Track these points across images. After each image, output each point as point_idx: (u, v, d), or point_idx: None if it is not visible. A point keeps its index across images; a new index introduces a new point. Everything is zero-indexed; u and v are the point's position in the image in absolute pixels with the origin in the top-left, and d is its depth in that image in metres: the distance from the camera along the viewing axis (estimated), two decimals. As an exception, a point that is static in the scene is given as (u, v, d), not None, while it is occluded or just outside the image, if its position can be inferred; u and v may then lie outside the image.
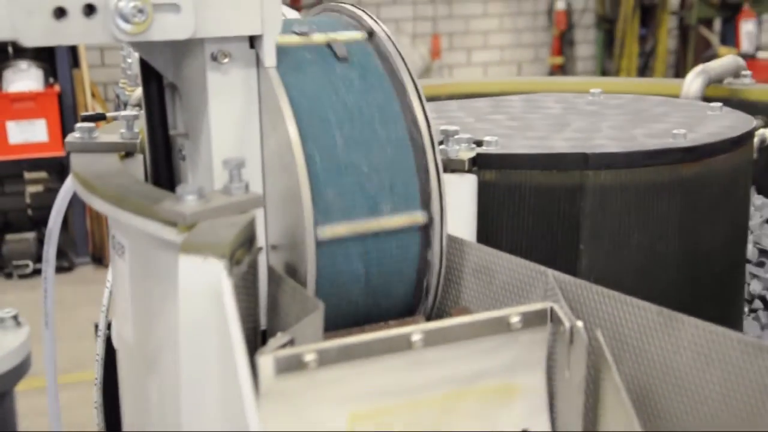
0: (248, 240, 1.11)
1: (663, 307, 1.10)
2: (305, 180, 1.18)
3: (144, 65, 1.32)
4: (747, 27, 8.42)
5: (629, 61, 8.41)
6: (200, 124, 1.25)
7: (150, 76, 1.32)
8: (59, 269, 6.04)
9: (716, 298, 1.65)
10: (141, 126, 1.45)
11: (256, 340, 1.17)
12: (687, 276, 1.56)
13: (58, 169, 6.31)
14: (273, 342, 1.05)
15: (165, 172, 1.36)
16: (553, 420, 1.16)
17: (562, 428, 1.14)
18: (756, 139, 1.92)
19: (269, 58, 1.21)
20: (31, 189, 6.90)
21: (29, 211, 6.78)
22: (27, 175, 6.77)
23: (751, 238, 2.20)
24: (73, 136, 1.47)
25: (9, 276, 6.11)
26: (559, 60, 8.61)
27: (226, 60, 1.21)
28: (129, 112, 1.54)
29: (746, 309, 2.20)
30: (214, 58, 1.20)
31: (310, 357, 1.01)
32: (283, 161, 1.21)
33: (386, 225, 1.23)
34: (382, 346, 1.05)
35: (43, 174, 6.76)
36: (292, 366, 1.01)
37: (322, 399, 1.04)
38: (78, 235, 6.32)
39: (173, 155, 1.37)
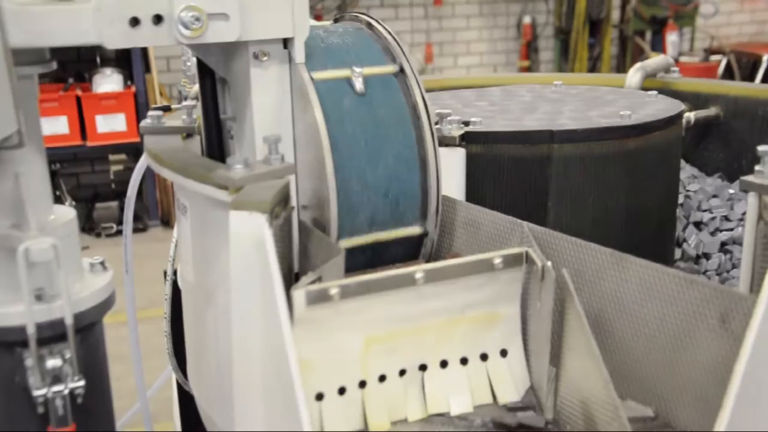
0: (284, 199, 1.09)
1: (614, 250, 1.08)
2: (329, 155, 1.16)
3: (200, 64, 1.29)
4: (671, 38, 8.44)
5: (581, 64, 8.37)
6: (245, 109, 1.22)
7: (205, 73, 1.30)
8: (135, 230, 6.02)
9: (654, 245, 1.63)
10: (198, 113, 1.42)
11: (290, 279, 1.16)
12: (632, 227, 1.54)
13: (134, 152, 6.31)
14: (304, 279, 1.03)
15: (217, 148, 1.34)
16: (526, 342, 1.14)
17: (533, 348, 1.12)
18: (684, 121, 1.88)
19: (299, 55, 1.19)
20: (114, 168, 6.91)
21: (113, 185, 6.80)
22: (111, 157, 6.79)
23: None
24: (145, 122, 1.45)
25: (98, 235, 6.11)
26: (526, 63, 8.55)
27: (265, 58, 1.18)
28: (189, 102, 1.52)
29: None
30: (256, 57, 1.18)
31: (334, 291, 0.99)
32: (311, 139, 1.19)
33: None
34: (391, 282, 1.03)
35: (123, 156, 6.75)
36: (319, 298, 0.99)
37: (343, 325, 1.02)
38: (150, 203, 6.31)
39: (223, 135, 1.35)
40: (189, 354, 1.41)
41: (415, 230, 1.25)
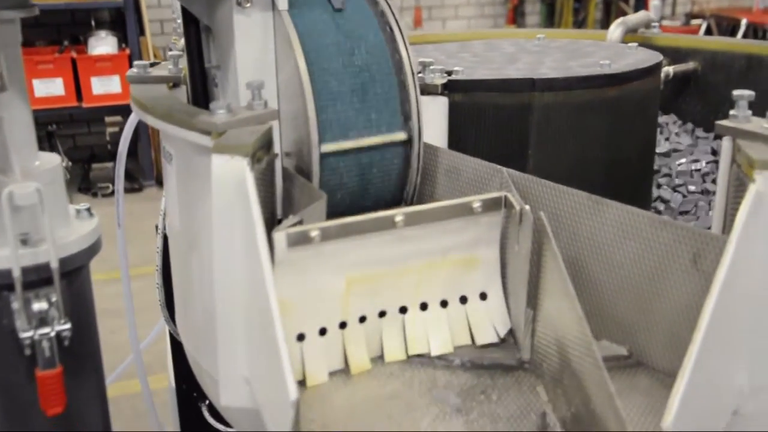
0: (267, 144, 1.07)
1: (591, 194, 1.06)
2: (312, 105, 1.14)
3: (185, 13, 1.26)
4: (654, 2, 8.37)
5: (566, 28, 8.31)
6: (228, 57, 1.19)
7: (189, 22, 1.27)
8: (131, 190, 5.99)
9: (631, 193, 1.61)
10: (184, 63, 1.39)
11: (273, 224, 1.14)
12: (610, 176, 1.52)
13: (130, 113, 6.22)
14: (286, 222, 1.01)
15: (202, 96, 1.31)
16: (504, 285, 1.13)
17: (512, 290, 1.11)
18: (663, 74, 1.85)
19: (282, 2, 1.15)
20: (110, 129, 6.83)
21: (108, 146, 6.73)
22: (107, 119, 6.71)
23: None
24: (132, 71, 1.42)
25: (95, 195, 6.06)
26: (512, 28, 8.47)
27: (248, 4, 1.15)
28: (175, 52, 1.48)
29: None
30: (239, 3, 1.14)
31: (315, 233, 0.97)
32: (294, 87, 1.16)
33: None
34: (372, 224, 1.01)
35: (118, 118, 6.68)
36: (300, 240, 0.97)
37: (324, 267, 1.00)
38: (145, 164, 6.25)
39: (208, 84, 1.32)
40: (176, 300, 1.39)
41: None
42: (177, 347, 2.13)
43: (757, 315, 0.91)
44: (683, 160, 1.96)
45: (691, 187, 1.90)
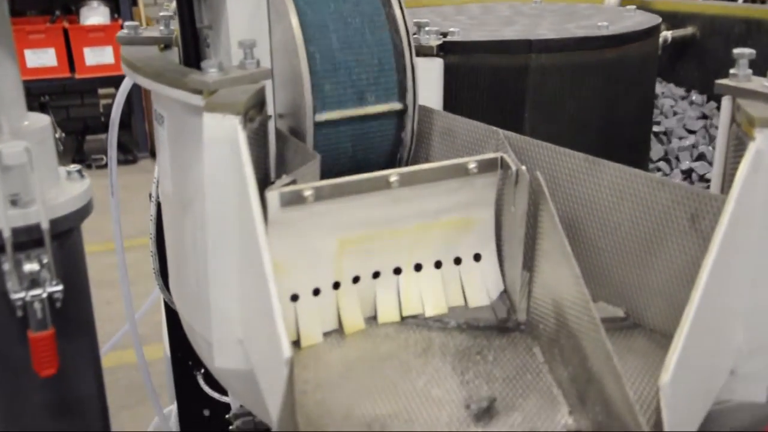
0: (259, 103, 1.04)
1: (588, 155, 1.05)
2: (305, 65, 1.12)
3: (176, -29, 1.23)
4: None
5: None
6: (220, 15, 1.16)
7: (180, -19, 1.23)
8: (125, 162, 5.96)
9: (628, 156, 1.60)
10: (175, 25, 1.36)
11: (266, 186, 1.12)
12: (607, 139, 1.51)
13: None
14: (278, 182, 0.99)
15: (194, 58, 1.28)
16: (500, 247, 1.12)
17: (507, 251, 1.10)
18: (660, 39, 1.83)
19: (274, -41, 1.12)
20: (103, 101, 6.78)
21: (102, 118, 6.67)
22: (100, 91, 6.65)
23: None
24: (122, 32, 1.39)
25: (89, 167, 6.02)
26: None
27: (239, -38, 1.12)
28: (166, 12, 1.45)
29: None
30: (230, -40, 1.11)
31: (308, 192, 0.96)
32: (288, 47, 1.14)
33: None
34: (366, 185, 0.99)
35: (112, 89, 6.62)
36: (293, 200, 0.95)
37: (318, 227, 0.99)
38: (140, 136, 6.21)
39: (200, 45, 1.29)
40: (170, 265, 1.38)
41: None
42: (172, 316, 2.12)
43: (755, 275, 0.91)
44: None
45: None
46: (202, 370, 2.17)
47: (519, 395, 0.94)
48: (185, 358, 2.17)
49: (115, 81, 6.12)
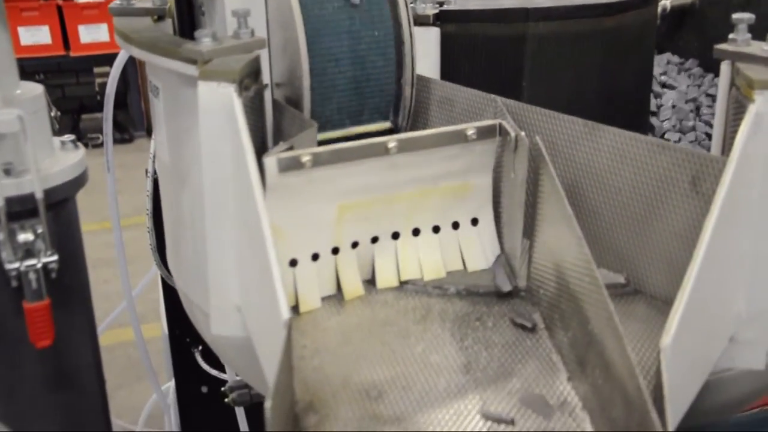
0: (254, 72, 1.03)
1: (587, 120, 1.04)
2: (302, 32, 1.11)
3: (169, -59, 1.21)
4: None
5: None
6: (214, -17, 1.15)
7: (175, -51, 1.22)
8: (121, 141, 5.95)
9: (628, 126, 1.59)
10: (169, -5, 1.35)
11: (263, 153, 1.11)
12: (606, 107, 1.50)
13: (119, 63, 6.15)
14: (276, 148, 0.99)
15: (189, 28, 1.27)
16: (500, 214, 1.11)
17: (506, 218, 1.09)
18: (660, 9, 1.82)
19: (268, -77, 1.10)
20: (99, 80, 6.73)
21: (98, 97, 6.62)
22: (95, 69, 6.60)
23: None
24: (115, 3, 1.37)
25: (85, 146, 5.96)
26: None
27: (233, -73, 1.10)
28: (159, -17, 1.43)
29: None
30: (224, -74, 1.10)
31: (306, 158, 0.95)
32: (283, 16, 1.13)
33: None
34: (364, 151, 0.99)
35: (107, 68, 6.57)
36: (292, 165, 0.95)
37: (316, 193, 0.98)
38: (136, 115, 6.19)
39: (195, 15, 1.27)
40: (167, 237, 1.37)
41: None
42: (169, 293, 2.12)
43: (756, 238, 0.90)
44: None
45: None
46: (200, 347, 2.17)
47: (518, 361, 0.93)
48: (183, 336, 2.17)
49: (111, 59, 6.01)
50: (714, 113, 1.13)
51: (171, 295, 2.11)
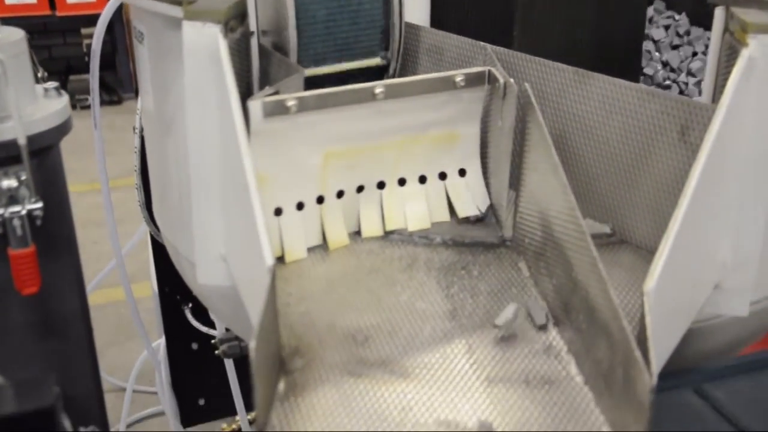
0: (240, 14, 1.02)
1: (577, 68, 1.03)
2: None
3: None
4: None
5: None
6: (200, -73, 1.12)
7: None
8: (110, 102, 5.88)
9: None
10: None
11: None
12: (597, 58, 1.48)
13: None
14: (261, 93, 0.97)
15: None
16: (486, 164, 1.11)
17: (493, 168, 1.08)
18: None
19: None
20: (86, 41, 6.64)
21: (85, 58, 6.55)
22: (83, 30, 6.52)
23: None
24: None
25: (73, 107, 5.92)
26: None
27: None
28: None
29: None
30: None
31: (291, 102, 0.94)
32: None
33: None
34: (350, 96, 0.98)
35: (94, 29, 6.51)
36: (277, 110, 0.93)
37: (302, 139, 0.97)
38: (124, 76, 6.12)
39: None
40: (153, 189, 1.36)
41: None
42: (159, 251, 2.10)
43: (743, 187, 0.90)
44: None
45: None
46: (190, 305, 2.17)
47: (503, 308, 0.93)
48: (173, 293, 2.16)
49: (98, 20, 6.02)
50: (700, 66, 1.12)
51: (160, 254, 2.10)
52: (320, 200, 1.01)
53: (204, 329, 2.13)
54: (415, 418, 0.76)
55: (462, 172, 1.08)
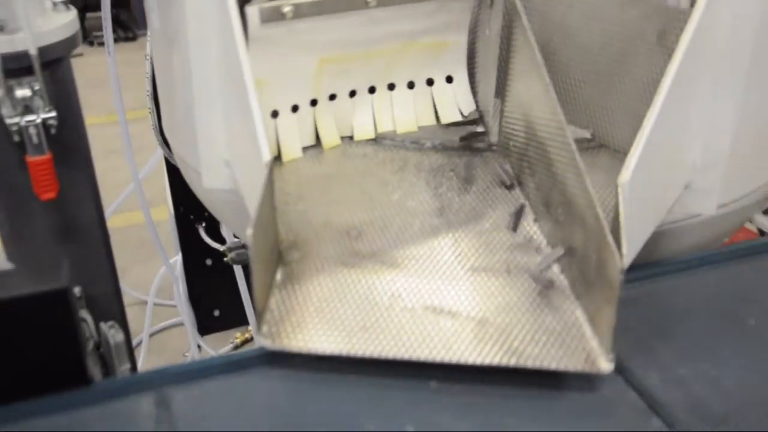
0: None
1: (562, -23, 1.00)
2: None
3: None
4: None
5: None
6: None
7: None
8: (125, 39, 5.81)
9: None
10: None
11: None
12: None
13: (121, -39, 5.95)
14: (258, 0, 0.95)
15: None
16: (474, 73, 1.09)
17: (480, 76, 1.07)
18: None
19: None
20: (102, -21, 6.52)
21: (102, -4, 6.44)
22: (98, -30, 6.39)
23: None
24: None
25: (91, 44, 5.88)
26: None
27: None
28: None
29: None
30: None
31: (287, 9, 0.92)
32: None
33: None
34: (344, 3, 0.95)
35: (110, -33, 6.36)
36: (273, 16, 0.92)
37: (297, 45, 0.96)
38: (138, 13, 6.01)
39: None
40: (162, 105, 1.35)
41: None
42: (174, 176, 2.11)
43: (715, 90, 0.88)
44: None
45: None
46: (204, 224, 2.19)
47: (488, 206, 0.94)
48: (187, 213, 2.18)
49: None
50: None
51: (175, 178, 2.10)
52: (314, 103, 1.00)
53: (216, 246, 2.15)
54: (403, 303, 0.77)
55: (449, 79, 1.07)
